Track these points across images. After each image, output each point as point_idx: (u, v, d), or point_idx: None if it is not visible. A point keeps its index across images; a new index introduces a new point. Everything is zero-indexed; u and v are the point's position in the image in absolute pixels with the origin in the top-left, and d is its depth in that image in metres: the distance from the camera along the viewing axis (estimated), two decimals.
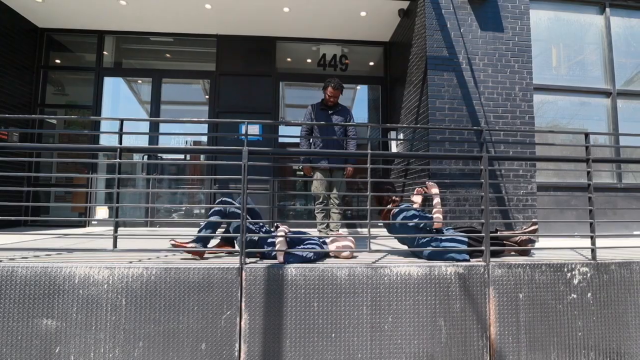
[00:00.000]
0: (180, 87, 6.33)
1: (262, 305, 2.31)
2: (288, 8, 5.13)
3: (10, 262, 2.31)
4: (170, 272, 2.28)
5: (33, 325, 2.20)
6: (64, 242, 3.50)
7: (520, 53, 4.30)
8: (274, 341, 2.30)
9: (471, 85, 4.16)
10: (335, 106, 4.08)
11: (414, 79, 4.61)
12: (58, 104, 6.11)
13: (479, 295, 2.51)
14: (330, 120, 4.03)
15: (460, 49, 4.18)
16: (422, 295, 2.46)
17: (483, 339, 2.48)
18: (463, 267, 2.51)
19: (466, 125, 4.08)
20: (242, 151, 2.36)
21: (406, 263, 2.52)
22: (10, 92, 5.24)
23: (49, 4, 5.10)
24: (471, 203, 4.01)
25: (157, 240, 3.25)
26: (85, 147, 5.10)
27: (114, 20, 5.56)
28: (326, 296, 2.36)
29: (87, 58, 6.02)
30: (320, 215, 3.98)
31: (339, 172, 4.03)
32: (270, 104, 5.94)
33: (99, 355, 2.21)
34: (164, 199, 6.01)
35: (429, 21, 4.19)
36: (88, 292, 2.24)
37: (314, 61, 6.24)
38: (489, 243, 2.59)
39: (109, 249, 2.41)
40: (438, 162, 4.02)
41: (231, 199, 2.63)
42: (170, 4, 5.09)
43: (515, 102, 4.20)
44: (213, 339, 2.26)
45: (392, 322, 2.41)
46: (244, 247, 2.34)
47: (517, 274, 2.56)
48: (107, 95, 5.96)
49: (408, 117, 4.86)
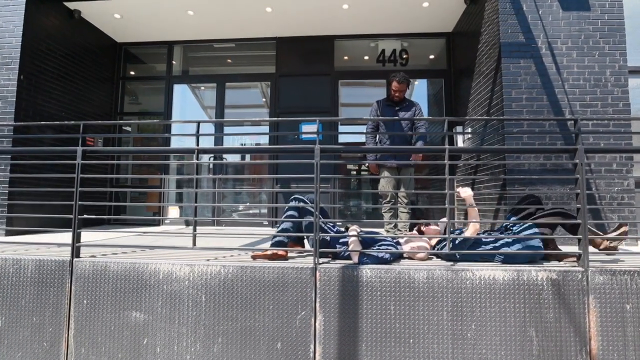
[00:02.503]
0: (242, 91, 6.54)
1: (337, 307, 2.25)
2: (347, 5, 5.06)
3: (103, 257, 2.49)
4: (246, 271, 2.31)
5: (124, 317, 2.35)
6: (146, 240, 3.75)
7: (610, 33, 3.81)
8: (349, 344, 2.23)
9: (552, 72, 3.77)
10: (402, 102, 3.90)
11: (485, 68, 4.30)
12: (133, 112, 6.62)
13: (577, 304, 2.24)
14: (396, 116, 3.86)
15: (539, 32, 3.81)
16: (509, 302, 2.25)
17: (582, 353, 2.21)
18: (557, 273, 2.26)
19: (547, 116, 3.71)
20: (314, 149, 2.32)
21: (490, 266, 2.33)
22: (95, 102, 5.76)
23: (126, 19, 5.53)
24: (554, 202, 3.64)
25: (229, 239, 3.34)
26: (164, 149, 5.30)
27: (182, 30, 5.88)
28: (403, 299, 2.25)
29: (158, 68, 6.45)
30: (387, 214, 3.84)
31: (407, 170, 3.87)
32: (329, 104, 5.92)
33: (182, 348, 2.29)
34: (229, 198, 6.25)
35: (502, 5, 3.87)
36: (171, 287, 2.34)
37: (372, 58, 6.11)
38: (587, 246, 2.30)
39: (189, 247, 2.50)
40: (515, 157, 3.69)
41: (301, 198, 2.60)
42: (233, 10, 5.26)
43: (606, 87, 3.73)
44: (288, 339, 2.25)
45: (476, 330, 2.23)
46: (317, 247, 2.31)
47: (622, 282, 2.25)
48: (176, 101, 6.33)
49: (477, 110, 4.55)
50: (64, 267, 2.43)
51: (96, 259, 2.44)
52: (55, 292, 2.43)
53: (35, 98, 4.60)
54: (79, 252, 2.52)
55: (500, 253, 2.43)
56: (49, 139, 4.55)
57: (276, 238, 2.50)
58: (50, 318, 2.40)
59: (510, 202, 3.61)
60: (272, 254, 2.42)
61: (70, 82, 5.21)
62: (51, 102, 4.85)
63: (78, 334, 2.37)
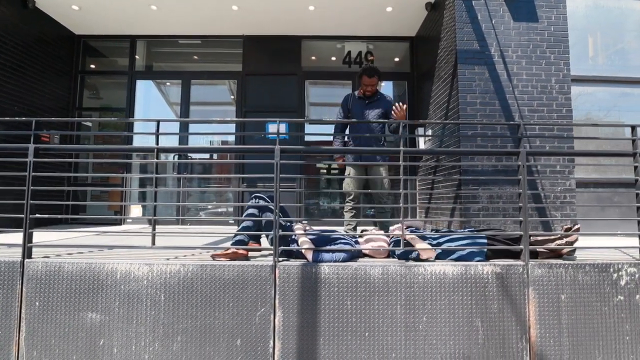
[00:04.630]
0: (208, 88, 6.46)
1: (296, 303, 2.32)
2: (313, 6, 5.13)
3: (57, 258, 2.42)
4: (206, 269, 2.33)
5: (79, 319, 2.30)
6: (104, 239, 3.65)
7: (556, 43, 4.11)
8: (307, 339, 2.30)
9: (504, 78, 4.02)
10: (374, 95, 3.75)
11: (443, 73, 4.50)
12: (93, 107, 6.38)
13: (518, 295, 2.42)
14: (366, 110, 3.73)
15: (492, 41, 4.05)
16: (457, 295, 2.40)
17: (523, 341, 2.40)
18: (501, 267, 2.44)
19: (499, 120, 3.95)
20: (274, 150, 2.37)
21: (441, 262, 2.47)
22: (50, 96, 5.51)
23: (85, 11, 5.32)
24: (505, 200, 3.88)
25: (192, 237, 3.33)
26: (124, 147, 5.19)
27: (145, 25, 5.73)
28: (359, 295, 2.35)
29: (120, 62, 6.24)
30: (348, 214, 3.79)
31: (376, 169, 3.73)
32: (296, 103, 5.97)
33: (140, 348, 2.28)
34: (194, 197, 6.16)
35: (459, 14, 4.08)
36: (129, 287, 2.32)
37: (339, 59, 6.22)
38: (527, 242, 2.49)
39: (148, 246, 2.48)
40: (470, 158, 3.91)
41: (262, 197, 2.64)
42: (198, 7, 5.19)
43: (551, 94, 4.03)
44: (248, 335, 2.29)
45: (427, 322, 2.36)
46: (277, 245, 2.36)
47: (558, 275, 2.46)
48: (140, 97, 6.16)
49: (437, 112, 4.76)
50: (14, 268, 2.35)
51: (49, 260, 2.37)
52: (5, 293, 2.34)
53: None
54: (31, 253, 2.44)
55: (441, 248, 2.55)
56: None
57: (237, 237, 2.53)
58: (0, 321, 2.32)
59: (464, 200, 3.82)
60: (232, 253, 2.44)
61: (24, 74, 4.96)
62: (2, 95, 4.60)
63: (29, 336, 2.30)
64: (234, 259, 2.44)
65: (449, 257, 2.55)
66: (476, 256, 2.52)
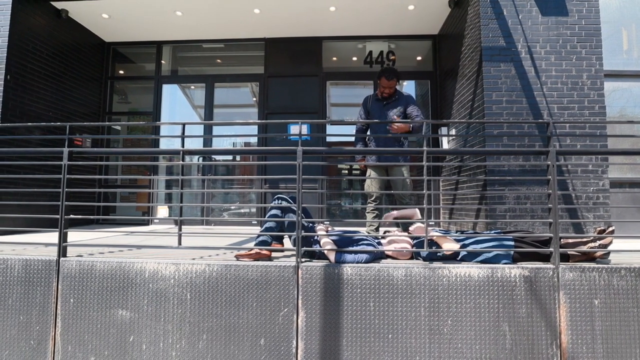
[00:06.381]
0: (231, 90, 6.57)
1: (319, 304, 2.33)
2: (334, 7, 5.13)
3: (90, 257, 2.53)
4: (230, 269, 2.38)
5: (110, 315, 2.40)
6: (133, 239, 3.78)
7: (587, 37, 3.95)
8: (330, 339, 2.31)
9: (532, 75, 3.89)
10: (392, 96, 3.78)
11: (467, 71, 4.41)
12: (122, 112, 6.62)
13: (548, 300, 2.34)
14: (384, 111, 3.76)
15: (519, 37, 3.93)
16: (483, 298, 2.34)
17: (553, 347, 2.31)
18: (529, 270, 2.36)
19: (526, 118, 3.83)
20: (296, 151, 2.39)
21: (466, 264, 2.42)
22: (83, 101, 5.75)
23: (114, 19, 5.53)
24: (532, 201, 3.76)
25: (216, 238, 3.40)
26: (151, 150, 5.43)
27: (171, 30, 5.90)
28: (382, 296, 2.33)
29: (147, 67, 6.45)
30: (370, 215, 3.80)
31: (397, 169, 3.73)
32: (317, 104, 5.99)
33: (168, 345, 2.35)
34: (218, 198, 6.29)
35: (484, 10, 3.98)
36: (157, 286, 2.39)
37: (360, 59, 6.19)
38: (557, 244, 2.40)
39: (175, 246, 2.56)
40: (495, 158, 3.81)
41: (284, 198, 2.66)
42: (222, 11, 5.29)
43: (583, 91, 3.87)
44: (271, 335, 2.32)
45: (452, 325, 2.32)
46: (300, 246, 2.38)
47: (591, 279, 2.36)
48: (166, 101, 6.35)
49: (461, 111, 4.66)
50: (50, 266, 2.47)
51: (83, 259, 2.48)
52: (42, 291, 2.46)
53: (23, 98, 4.59)
54: (66, 252, 2.56)
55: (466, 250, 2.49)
56: (36, 139, 4.55)
57: (260, 237, 2.56)
58: (37, 317, 2.44)
59: (490, 201, 3.72)
60: (255, 254, 2.48)
61: (58, 81, 5.20)
62: (39, 102, 4.85)
63: (65, 332, 2.41)
64: (257, 259, 2.47)
65: (475, 259, 2.49)
66: (503, 259, 2.46)
